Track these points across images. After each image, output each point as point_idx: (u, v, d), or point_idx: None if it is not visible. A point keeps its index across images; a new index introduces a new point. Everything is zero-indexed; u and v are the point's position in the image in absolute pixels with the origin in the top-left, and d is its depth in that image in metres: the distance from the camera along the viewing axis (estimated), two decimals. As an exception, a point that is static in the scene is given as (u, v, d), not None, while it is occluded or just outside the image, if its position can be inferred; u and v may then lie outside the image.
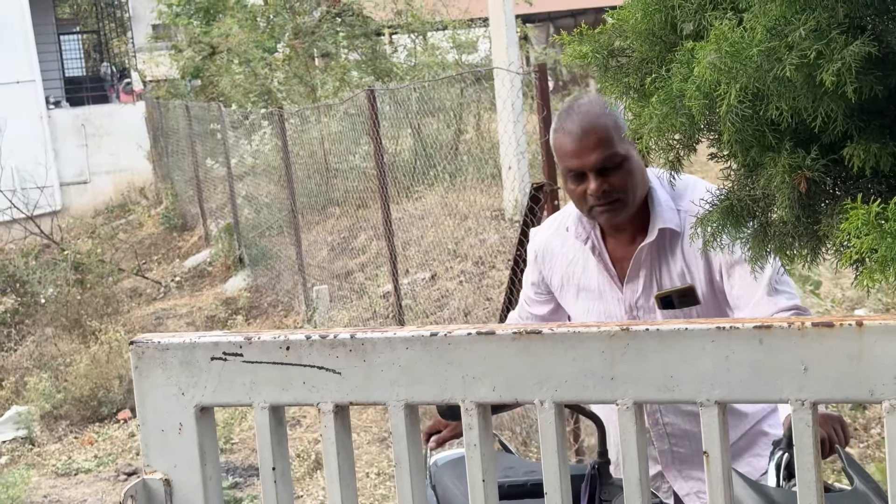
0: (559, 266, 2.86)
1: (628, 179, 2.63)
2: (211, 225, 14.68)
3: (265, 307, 11.03)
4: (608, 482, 2.42)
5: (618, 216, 2.65)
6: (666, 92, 1.90)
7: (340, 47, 15.71)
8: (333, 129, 12.13)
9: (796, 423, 1.35)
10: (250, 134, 13.79)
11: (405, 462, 1.53)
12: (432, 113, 11.48)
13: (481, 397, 1.48)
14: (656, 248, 2.69)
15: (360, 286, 9.86)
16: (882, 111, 1.73)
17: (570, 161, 2.63)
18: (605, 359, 1.42)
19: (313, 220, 12.23)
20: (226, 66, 16.17)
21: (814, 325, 1.33)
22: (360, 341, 1.51)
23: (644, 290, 2.71)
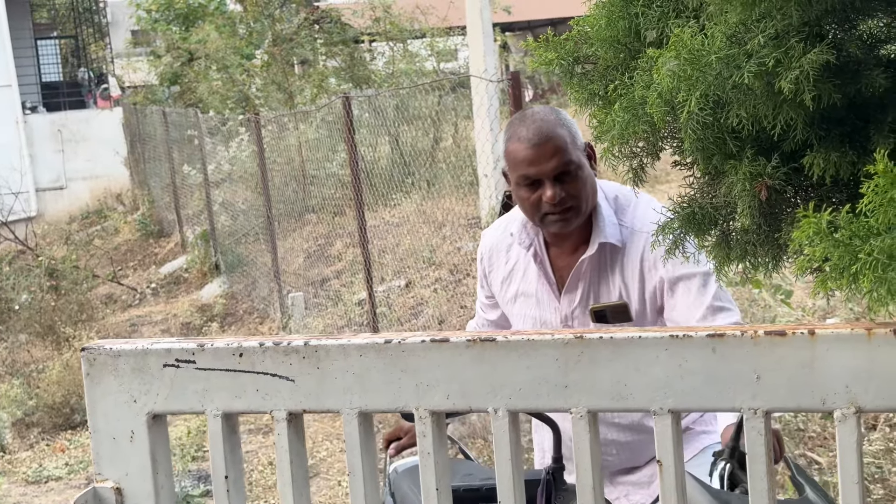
0: (501, 268, 2.87)
1: (582, 188, 2.64)
2: (187, 231, 14.63)
3: (241, 314, 10.99)
4: (563, 488, 2.42)
5: (570, 224, 2.66)
6: (628, 99, 1.89)
7: (318, 54, 15.69)
8: (310, 136, 12.11)
9: (748, 431, 1.34)
10: (227, 140, 13.74)
11: (359, 470, 1.51)
12: (410, 120, 11.47)
13: (435, 405, 1.47)
14: (596, 261, 2.71)
15: (335, 293, 9.83)
16: (841, 120, 1.73)
17: (527, 169, 2.63)
18: (558, 367, 1.41)
19: (290, 227, 12.20)
20: (204, 73, 16.12)
21: (766, 333, 1.33)
22: (313, 348, 1.50)
23: (581, 301, 2.73)
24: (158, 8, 19.52)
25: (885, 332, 1.28)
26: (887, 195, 1.27)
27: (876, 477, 4.45)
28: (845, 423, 1.30)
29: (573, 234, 2.73)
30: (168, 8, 19.26)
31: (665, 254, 1.97)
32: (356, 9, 15.55)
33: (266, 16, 15.85)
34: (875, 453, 4.59)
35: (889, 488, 4.35)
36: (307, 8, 16.46)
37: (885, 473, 4.45)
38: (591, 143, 2.67)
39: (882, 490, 4.36)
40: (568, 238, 2.75)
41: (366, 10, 15.48)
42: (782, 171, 1.76)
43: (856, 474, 1.31)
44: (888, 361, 1.28)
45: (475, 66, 9.98)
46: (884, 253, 1.22)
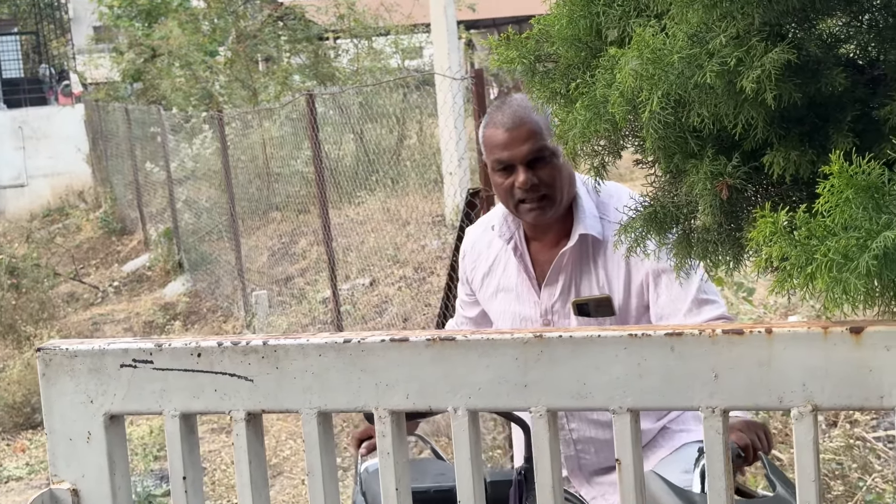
0: (482, 264, 2.86)
1: (557, 176, 2.62)
2: (150, 229, 14.53)
3: (204, 312, 10.93)
4: (535, 487, 2.40)
5: (545, 214, 2.64)
6: (590, 98, 1.89)
7: (282, 51, 15.62)
8: (274, 133, 12.06)
9: (707, 430, 1.35)
10: (191, 137, 13.66)
11: (318, 471, 1.50)
12: (375, 118, 11.45)
13: (395, 405, 1.46)
14: (577, 254, 2.69)
15: (300, 291, 9.80)
16: (801, 119, 1.74)
17: (500, 153, 2.62)
18: (518, 366, 1.41)
19: (254, 224, 12.14)
20: (166, 69, 16.01)
21: (724, 332, 1.33)
22: (272, 348, 1.49)
23: (561, 295, 2.71)
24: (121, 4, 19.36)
25: (841, 330, 1.29)
26: (843, 195, 1.27)
27: (836, 473, 4.49)
28: (802, 420, 1.31)
29: (553, 226, 2.71)
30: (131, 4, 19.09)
31: (627, 253, 1.97)
32: (320, 5, 15.49)
33: (230, 12, 15.77)
34: (835, 450, 4.62)
35: (849, 485, 4.39)
36: (271, 5, 16.38)
37: (845, 470, 4.49)
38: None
39: (842, 486, 4.40)
40: (548, 231, 2.72)
41: (330, 6, 15.43)
42: (743, 170, 1.76)
43: (813, 472, 1.31)
44: (844, 360, 1.28)
45: (439, 63, 9.99)
46: (839, 253, 1.23)
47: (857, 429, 4.83)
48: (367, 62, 15.35)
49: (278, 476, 6.04)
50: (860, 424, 4.86)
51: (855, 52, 1.80)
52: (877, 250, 1.20)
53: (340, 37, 16.09)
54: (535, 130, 2.60)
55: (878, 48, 1.77)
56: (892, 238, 1.20)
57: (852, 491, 4.36)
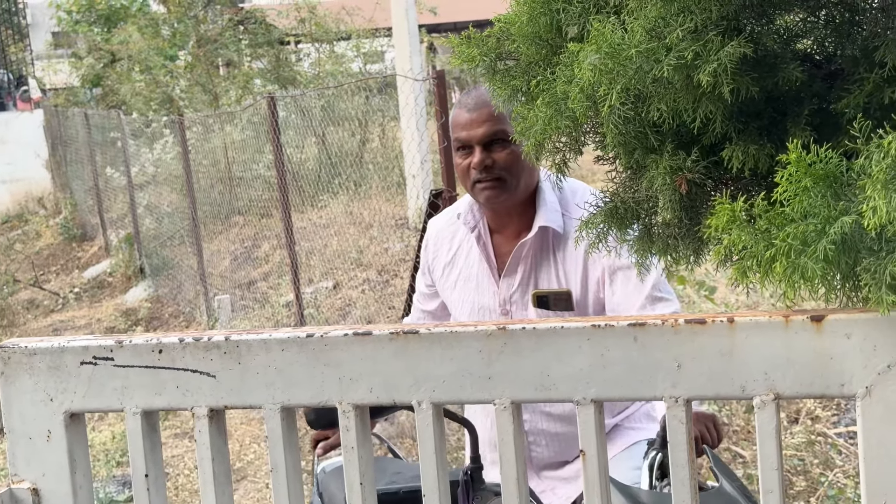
0: (444, 253, 2.87)
1: (514, 162, 2.65)
2: (111, 235, 14.41)
3: (166, 318, 10.85)
4: (481, 487, 2.42)
5: (499, 197, 2.66)
6: (550, 94, 1.89)
7: (243, 55, 15.56)
8: (236, 137, 12.00)
9: (670, 420, 1.35)
10: (152, 142, 13.57)
11: (282, 467, 1.50)
12: (337, 121, 11.42)
13: (358, 399, 1.46)
14: (537, 246, 2.71)
15: (262, 295, 9.75)
16: (759, 113, 1.75)
17: (459, 132, 2.68)
18: (482, 358, 1.41)
19: (216, 229, 12.08)
20: (126, 74, 15.90)
21: (686, 321, 1.34)
22: (234, 343, 1.48)
23: (520, 285, 2.73)
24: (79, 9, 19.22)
25: (802, 318, 1.30)
26: (801, 184, 1.28)
27: (798, 469, 4.52)
28: (764, 409, 1.31)
29: (515, 218, 2.73)
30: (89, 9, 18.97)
31: (590, 249, 1.98)
32: (281, 9, 15.44)
33: (190, 17, 15.68)
34: (797, 446, 4.66)
35: (811, 480, 4.43)
36: (232, 9, 16.31)
37: (807, 465, 4.52)
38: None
39: (804, 482, 4.43)
40: (510, 222, 2.75)
41: (291, 10, 15.38)
42: (702, 165, 1.77)
43: (775, 460, 1.32)
44: (805, 348, 1.30)
45: (401, 66, 9.98)
46: (797, 239, 1.24)
47: (819, 425, 4.87)
48: (328, 66, 15.31)
49: (242, 480, 6.01)
50: (821, 420, 4.90)
51: (812, 48, 1.82)
52: (834, 236, 1.21)
53: (302, 41, 16.05)
54: (493, 113, 2.64)
55: (836, 43, 1.79)
56: (850, 223, 1.21)
57: (814, 486, 4.39)
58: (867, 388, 1.27)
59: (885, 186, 1.16)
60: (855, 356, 1.27)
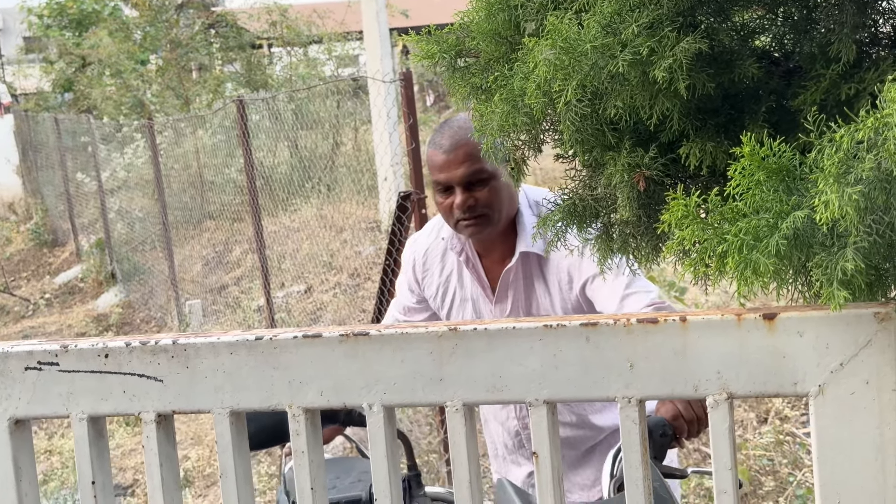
0: (436, 275, 2.86)
1: (494, 197, 2.64)
2: (83, 240, 14.31)
3: (138, 323, 10.77)
4: (419, 494, 2.44)
5: (482, 232, 2.66)
6: (508, 90, 1.88)
7: (215, 59, 15.48)
8: (207, 141, 11.94)
9: (623, 420, 1.33)
10: (122, 147, 13.48)
11: (231, 472, 1.47)
12: (310, 125, 11.38)
13: (308, 402, 1.43)
14: (523, 271, 2.71)
15: (234, 300, 9.70)
16: (717, 110, 1.73)
17: (438, 174, 2.65)
18: (433, 360, 1.38)
19: (188, 234, 12.01)
20: (97, 79, 15.80)
21: (639, 321, 1.32)
22: (182, 347, 1.45)
23: (512, 311, 2.72)
24: (51, 13, 19.08)
25: (755, 317, 1.28)
26: (754, 178, 1.27)
27: (767, 469, 4.52)
28: (717, 409, 1.30)
29: (498, 244, 2.73)
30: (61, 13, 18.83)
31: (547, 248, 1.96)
32: (252, 13, 15.37)
33: (161, 20, 15.60)
34: (766, 446, 4.66)
35: (780, 480, 4.42)
36: (203, 12, 16.23)
37: (775, 465, 4.52)
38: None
39: (773, 482, 4.43)
40: (494, 249, 2.75)
41: (262, 13, 15.32)
42: (660, 162, 1.75)
43: (729, 460, 1.30)
44: (758, 346, 1.28)
45: (372, 69, 9.95)
46: (749, 234, 1.22)
47: (787, 424, 4.87)
48: (301, 70, 15.26)
49: (213, 485, 5.96)
50: (790, 420, 4.90)
51: (771, 45, 1.81)
52: (786, 230, 1.19)
53: (274, 44, 15.99)
54: (471, 153, 2.62)
55: (794, 40, 1.78)
56: (802, 218, 1.19)
57: (783, 486, 4.39)
58: (820, 387, 1.25)
59: (837, 180, 1.15)
60: (808, 354, 1.26)
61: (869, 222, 1.15)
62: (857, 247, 1.15)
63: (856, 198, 1.11)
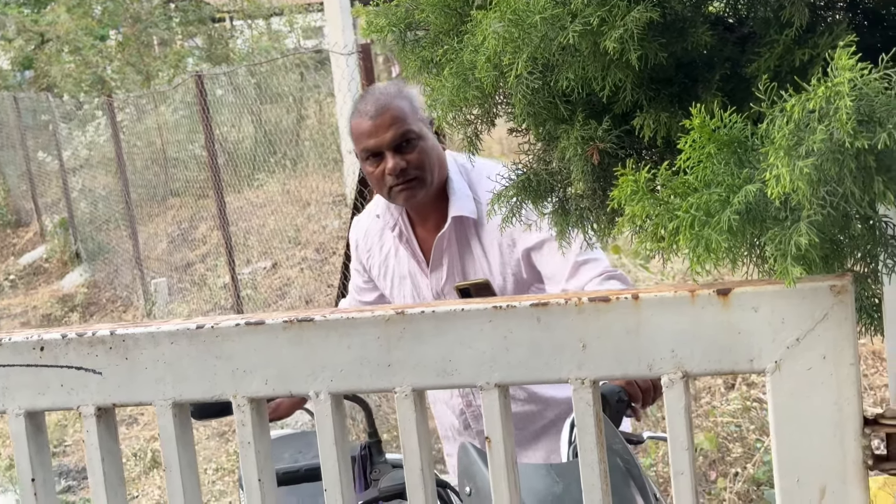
0: (376, 254, 2.84)
1: (425, 158, 2.61)
2: (46, 220, 14.15)
3: (104, 303, 10.67)
4: (379, 461, 2.44)
5: (416, 195, 2.62)
6: (458, 64, 1.83)
7: (175, 34, 15.29)
8: (169, 117, 11.80)
9: (577, 402, 1.29)
10: (84, 125, 13.31)
11: (175, 465, 1.42)
12: (273, 99, 11.26)
13: (253, 392, 1.38)
14: (456, 236, 2.68)
15: (200, 278, 9.62)
16: (670, 80, 1.69)
17: (367, 141, 2.60)
18: (380, 345, 1.34)
19: (153, 211, 11.89)
20: (56, 56, 15.58)
21: (590, 300, 1.28)
22: (120, 338, 1.40)
23: (448, 278, 2.70)
24: (8, -11, 18.79)
25: (709, 293, 1.25)
26: (704, 150, 1.23)
27: (735, 436, 4.52)
28: (672, 388, 1.26)
29: (432, 211, 2.70)
30: (18, -11, 18.56)
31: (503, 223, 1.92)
32: (212, -14, 15.20)
33: (120, -5, 15.38)
34: (733, 412, 4.66)
35: (747, 446, 4.43)
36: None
37: (743, 432, 4.53)
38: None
39: (741, 448, 4.43)
40: (428, 216, 2.72)
41: (222, -14, 15.15)
42: (614, 134, 1.72)
43: (685, 440, 1.27)
44: (712, 323, 1.24)
45: (334, 41, 9.83)
46: (701, 210, 1.18)
47: (755, 391, 4.87)
48: (263, 43, 15.10)
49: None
50: (757, 386, 4.91)
51: (724, 10, 1.77)
52: (738, 205, 1.16)
53: (235, 17, 15.81)
54: (397, 116, 2.59)
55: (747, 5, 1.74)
56: (754, 192, 1.15)
57: (750, 452, 4.39)
58: (776, 363, 1.22)
59: (788, 153, 1.11)
60: (763, 330, 1.22)
61: (822, 194, 1.11)
62: (811, 220, 1.11)
63: (807, 171, 1.07)
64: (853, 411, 1.21)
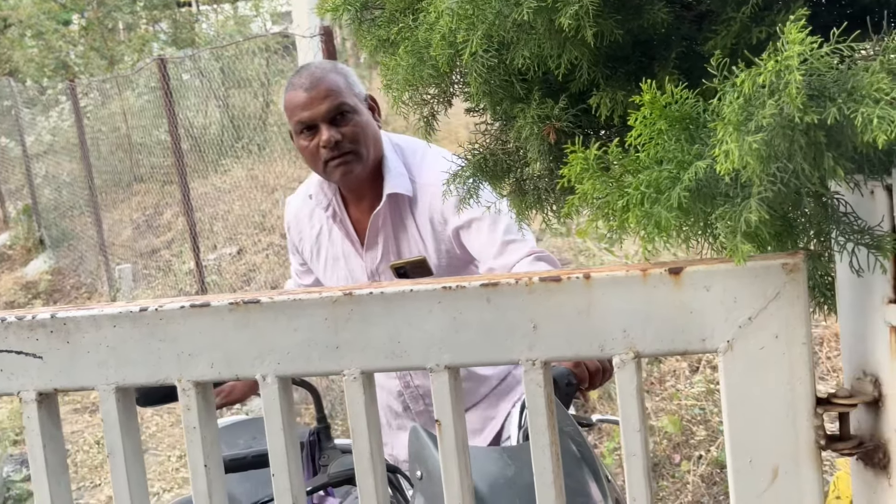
0: (308, 235, 2.81)
1: (360, 132, 2.59)
2: (9, 207, 14.01)
3: (68, 290, 10.58)
4: (328, 447, 2.42)
5: (352, 170, 2.59)
6: (413, 42, 1.80)
7: (139, 18, 15.14)
8: (133, 102, 11.69)
9: (528, 384, 1.27)
10: (47, 110, 13.17)
11: (120, 451, 1.39)
12: (240, 83, 11.16)
13: (198, 375, 1.35)
14: (391, 214, 2.66)
15: (165, 264, 9.55)
16: (627, 58, 1.67)
17: (301, 114, 2.57)
18: (328, 327, 1.31)
19: (118, 197, 11.79)
20: (18, 40, 15.39)
21: (541, 280, 1.25)
22: (61, 321, 1.36)
23: (383, 256, 2.68)
24: (-31, -26, 18.52)
25: (660, 272, 1.23)
26: (655, 127, 1.21)
27: (699, 418, 4.52)
28: (624, 368, 1.24)
29: (366, 190, 2.68)
30: (-21, -27, 18.28)
31: (459, 204, 1.90)
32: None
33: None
34: (697, 395, 4.66)
35: (711, 429, 4.43)
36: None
37: (707, 414, 4.53)
38: (373, 96, 2.65)
39: (704, 431, 4.43)
40: (363, 195, 2.70)
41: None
42: (570, 113, 1.70)
43: (637, 421, 1.25)
44: (664, 302, 1.22)
45: (299, 24, 9.76)
46: (651, 187, 1.16)
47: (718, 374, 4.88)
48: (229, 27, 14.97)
49: (144, 453, 5.86)
50: (721, 369, 4.90)
51: (682, -13, 1.74)
52: (689, 182, 1.13)
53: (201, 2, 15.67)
54: (332, 88, 2.57)
55: (706, -18, 1.71)
56: (704, 168, 1.13)
57: (714, 435, 4.40)
58: (728, 343, 1.20)
59: (737, 129, 1.09)
60: (715, 309, 1.20)
61: (773, 171, 1.09)
62: (762, 197, 1.09)
63: (756, 147, 1.05)
64: (806, 391, 1.19)
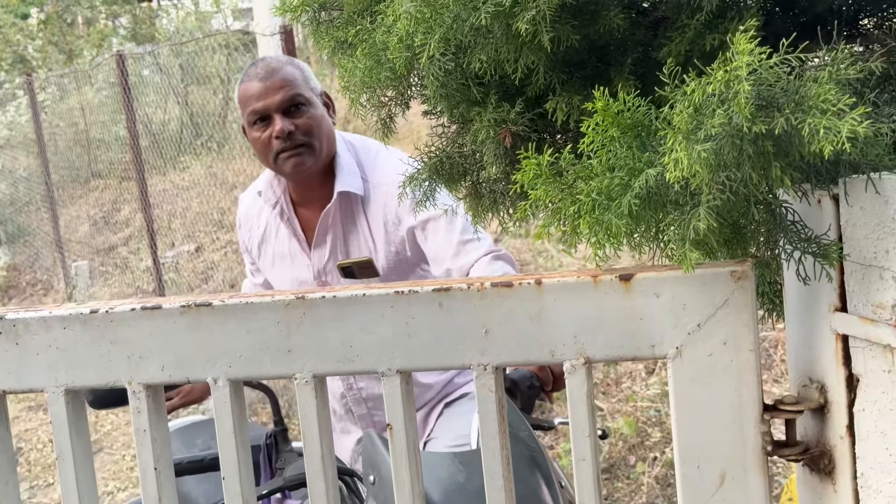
0: (256, 233, 2.80)
1: (314, 125, 2.58)
2: (-35, 202, 13.83)
3: (24, 286, 10.48)
4: (285, 450, 2.42)
5: (305, 163, 2.58)
6: (370, 44, 1.80)
7: (99, 13, 15.01)
8: (92, 97, 11.59)
9: (479, 388, 1.27)
10: (4, 105, 13.03)
11: (69, 454, 1.38)
12: (199, 81, 11.10)
13: (149, 378, 1.35)
14: (342, 213, 2.65)
15: (123, 261, 9.47)
16: (583, 63, 1.68)
17: (255, 104, 2.56)
18: (280, 330, 1.31)
19: (75, 193, 11.68)
20: (-25, 34, 15.22)
21: (493, 285, 1.26)
22: (10, 322, 1.35)
23: (331, 255, 2.67)
24: (-75, -35, 18.28)
25: (611, 278, 1.24)
26: (607, 134, 1.21)
27: (654, 420, 4.55)
28: (574, 374, 1.25)
29: (317, 188, 2.67)
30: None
31: (416, 206, 1.90)
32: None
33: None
34: (653, 397, 4.69)
35: (666, 431, 4.46)
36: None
37: (662, 416, 4.56)
38: (328, 93, 2.64)
39: (660, 433, 4.46)
40: (312, 193, 2.68)
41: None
42: (527, 117, 1.70)
43: (587, 427, 1.26)
44: (615, 309, 1.23)
45: (261, 22, 9.73)
46: (602, 194, 1.17)
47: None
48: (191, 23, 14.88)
49: (99, 452, 5.82)
50: (677, 371, 4.93)
51: (637, -7, 1.76)
52: (639, 189, 1.14)
53: (161, -3, 15.57)
54: (288, 79, 2.56)
55: (661, -11, 1.73)
56: (654, 176, 1.14)
57: (669, 437, 4.43)
58: (678, 349, 1.21)
59: (687, 137, 1.10)
60: (664, 316, 1.21)
61: (721, 179, 1.10)
62: (710, 205, 1.10)
63: (705, 155, 1.06)
64: (753, 397, 1.20)
